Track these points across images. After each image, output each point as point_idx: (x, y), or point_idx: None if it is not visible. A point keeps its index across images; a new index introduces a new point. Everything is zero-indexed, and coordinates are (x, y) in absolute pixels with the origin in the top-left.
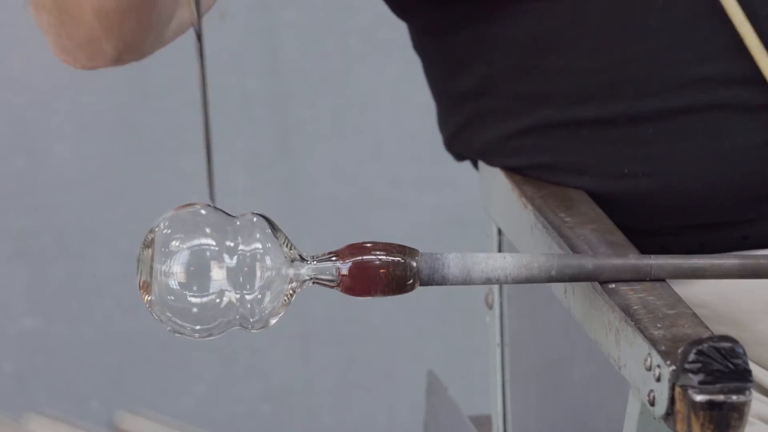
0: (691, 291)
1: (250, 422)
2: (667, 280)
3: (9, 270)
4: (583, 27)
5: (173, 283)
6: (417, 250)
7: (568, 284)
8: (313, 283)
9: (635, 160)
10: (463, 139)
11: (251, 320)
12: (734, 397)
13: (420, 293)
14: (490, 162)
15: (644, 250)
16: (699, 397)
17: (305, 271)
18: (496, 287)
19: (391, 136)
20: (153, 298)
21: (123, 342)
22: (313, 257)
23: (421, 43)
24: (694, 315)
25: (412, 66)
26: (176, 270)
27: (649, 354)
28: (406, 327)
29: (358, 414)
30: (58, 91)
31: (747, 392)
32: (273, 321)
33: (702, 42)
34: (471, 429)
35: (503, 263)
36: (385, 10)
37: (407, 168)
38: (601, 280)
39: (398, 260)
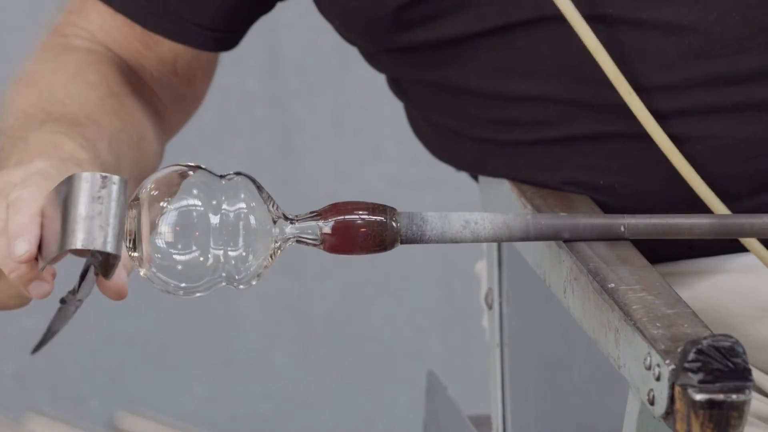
0: (683, 296)
1: (250, 422)
2: (666, 281)
3: None
4: (542, 53)
5: (160, 242)
6: (396, 210)
7: (567, 283)
8: (297, 241)
9: (609, 172)
10: (447, 158)
11: (236, 277)
12: (734, 396)
13: (420, 293)
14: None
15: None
16: (699, 396)
17: (289, 230)
18: (496, 287)
19: (391, 136)
20: (140, 254)
21: (123, 342)
22: (296, 216)
23: (395, 85)
24: (694, 314)
25: None
26: (163, 229)
27: (649, 353)
28: (406, 327)
29: (358, 414)
30: None
31: (747, 391)
32: (257, 279)
33: (656, 51)
34: (471, 429)
35: (481, 221)
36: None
37: (407, 168)
38: (574, 238)
39: (380, 219)
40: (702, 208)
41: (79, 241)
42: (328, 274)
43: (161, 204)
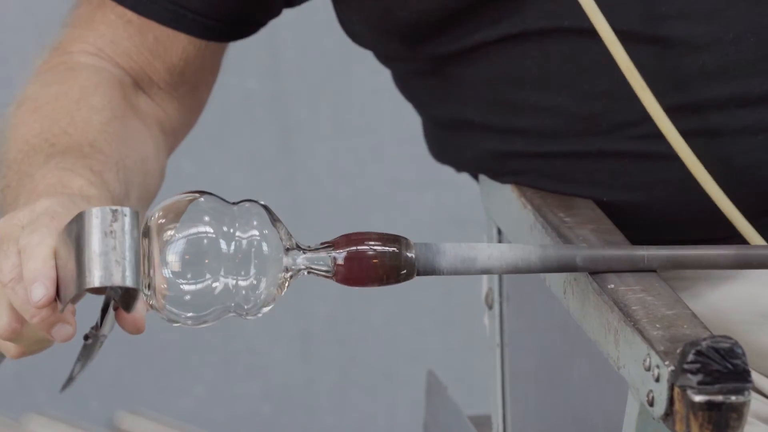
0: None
1: (250, 422)
2: (666, 283)
3: None
4: (555, 64)
5: (168, 272)
6: (411, 241)
7: (567, 284)
8: (308, 272)
9: (613, 189)
10: (449, 159)
11: (245, 307)
12: (733, 398)
13: (420, 293)
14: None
15: None
16: (698, 398)
17: (301, 260)
18: (496, 287)
19: (391, 136)
20: (152, 287)
21: (123, 342)
22: (309, 247)
23: (402, 84)
24: (693, 315)
25: None
26: (171, 258)
27: (648, 354)
28: (406, 327)
29: (358, 414)
30: None
31: (746, 392)
32: (266, 309)
33: (671, 71)
34: (471, 429)
35: (498, 254)
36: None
37: (407, 168)
38: (594, 270)
39: (393, 250)
40: (707, 226)
41: (96, 279)
42: None
43: (170, 232)
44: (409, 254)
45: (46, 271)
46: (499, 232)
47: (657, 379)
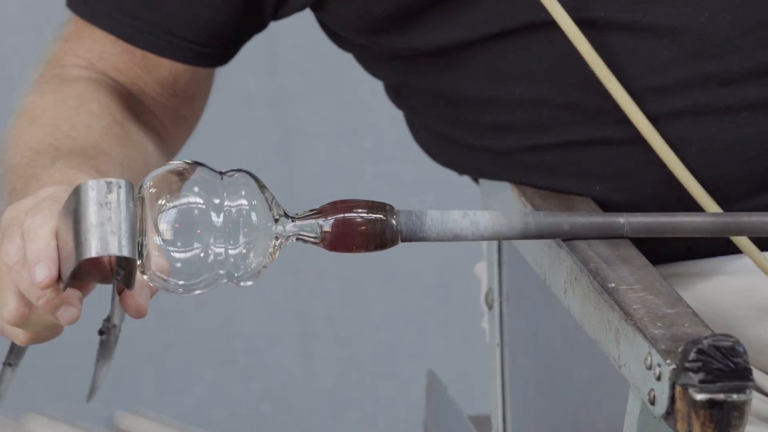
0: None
1: (250, 422)
2: (667, 281)
3: None
4: (535, 57)
5: (159, 240)
6: (396, 208)
7: (568, 283)
8: (297, 239)
9: (604, 178)
10: (447, 164)
11: (236, 275)
12: (735, 396)
13: (420, 293)
14: (475, 177)
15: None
16: (699, 396)
17: (289, 227)
18: (496, 287)
19: (391, 136)
20: (144, 254)
21: (123, 342)
22: (297, 214)
23: (393, 93)
24: (695, 314)
25: None
26: (164, 227)
27: (650, 353)
28: (406, 327)
29: (358, 414)
30: None
31: (747, 391)
32: (257, 277)
33: (649, 54)
34: (471, 429)
35: (481, 220)
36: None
37: (407, 168)
38: (574, 236)
39: (379, 217)
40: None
41: (93, 249)
42: (328, 274)
43: (161, 201)
44: (394, 220)
45: (48, 251)
46: None
47: (658, 378)
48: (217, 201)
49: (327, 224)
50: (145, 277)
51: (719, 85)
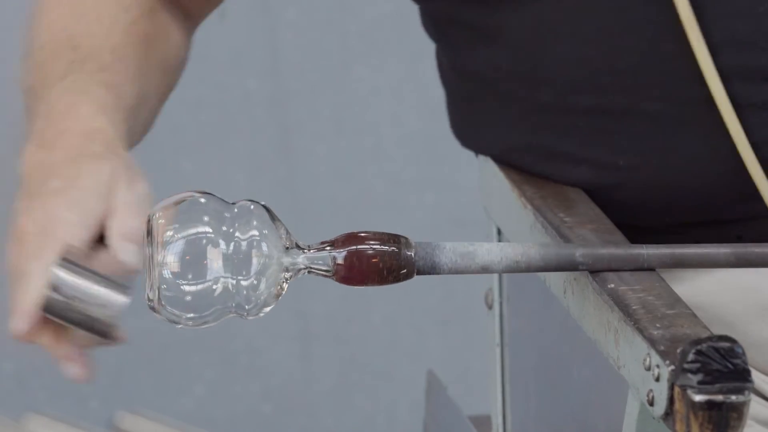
0: (683, 293)
1: (250, 422)
2: (666, 282)
3: None
4: (588, 16)
5: (167, 273)
6: (410, 240)
7: (567, 283)
8: (309, 272)
9: (631, 153)
10: (469, 120)
11: (246, 307)
12: (733, 397)
13: (420, 293)
14: (495, 146)
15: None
16: (698, 397)
17: (301, 259)
18: (496, 286)
19: (391, 136)
20: (151, 286)
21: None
22: (309, 246)
23: (432, 24)
24: (693, 315)
25: (412, 66)
26: (171, 259)
27: (648, 354)
28: (406, 327)
29: (358, 414)
30: None
31: (746, 392)
32: (267, 309)
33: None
34: (471, 429)
35: (498, 252)
36: (386, 10)
37: (407, 168)
38: (594, 269)
39: (392, 249)
40: (713, 207)
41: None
42: None
43: (169, 233)
44: (409, 253)
45: (31, 310)
46: (499, 232)
47: (657, 379)
48: (227, 231)
49: (340, 256)
50: (158, 316)
51: None
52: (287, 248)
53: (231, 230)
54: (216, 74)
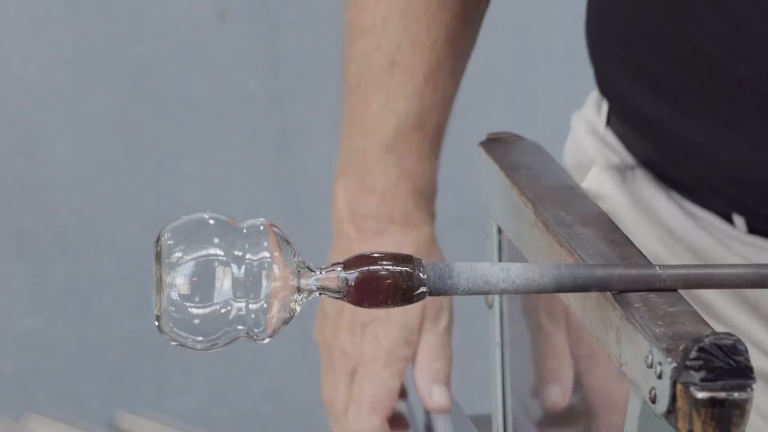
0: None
1: (250, 422)
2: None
3: (9, 270)
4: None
5: (175, 295)
6: (423, 261)
7: None
8: (320, 294)
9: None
10: (611, 62)
11: (256, 331)
12: (736, 395)
13: None
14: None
15: None
16: (701, 395)
17: (312, 281)
18: None
19: None
20: (158, 313)
21: (123, 342)
22: (320, 268)
23: None
24: (695, 312)
25: None
26: (179, 281)
27: (651, 351)
28: None
29: None
30: (58, 92)
31: (749, 389)
32: (278, 332)
33: None
34: (471, 429)
35: (512, 273)
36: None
37: None
38: (612, 290)
39: (405, 270)
40: None
41: None
42: None
43: (178, 254)
44: (422, 275)
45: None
46: (500, 231)
47: (659, 376)
48: (238, 254)
49: (351, 277)
50: (165, 337)
51: None
52: (299, 270)
53: (241, 252)
54: (216, 74)
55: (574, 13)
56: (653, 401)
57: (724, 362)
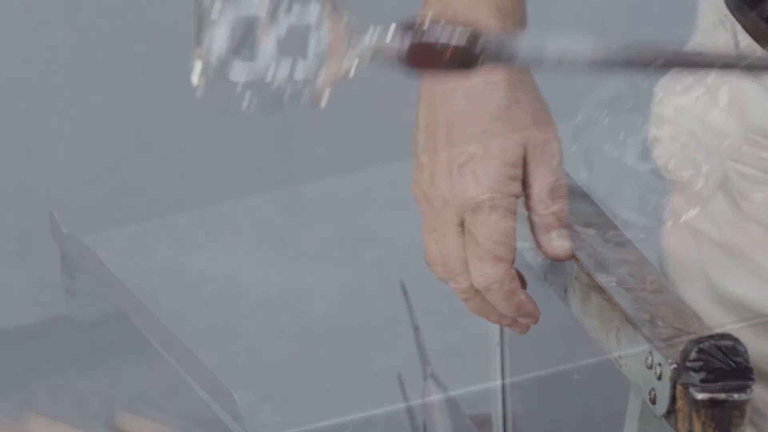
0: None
1: (250, 422)
2: (666, 282)
3: (9, 270)
4: None
5: (217, 53)
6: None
7: (568, 283)
8: (374, 54)
9: None
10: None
11: (304, 90)
12: (736, 395)
13: (420, 292)
14: None
15: None
16: (700, 396)
17: (366, 38)
18: None
19: (391, 136)
20: (200, 72)
21: (123, 342)
22: (375, 27)
23: None
24: (695, 313)
25: None
26: (221, 39)
27: (650, 352)
28: (406, 327)
29: (358, 414)
30: (58, 91)
31: (748, 390)
32: (326, 96)
33: None
34: (471, 429)
35: (580, 43)
36: (386, 10)
37: (407, 168)
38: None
39: (464, 30)
40: None
41: None
42: (328, 274)
43: (220, 10)
44: (481, 36)
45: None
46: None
47: (659, 377)
48: (285, 9)
49: (408, 35)
50: (207, 98)
51: None
52: (351, 27)
53: (289, 7)
54: None
55: (575, 12)
56: (653, 402)
57: (724, 363)
